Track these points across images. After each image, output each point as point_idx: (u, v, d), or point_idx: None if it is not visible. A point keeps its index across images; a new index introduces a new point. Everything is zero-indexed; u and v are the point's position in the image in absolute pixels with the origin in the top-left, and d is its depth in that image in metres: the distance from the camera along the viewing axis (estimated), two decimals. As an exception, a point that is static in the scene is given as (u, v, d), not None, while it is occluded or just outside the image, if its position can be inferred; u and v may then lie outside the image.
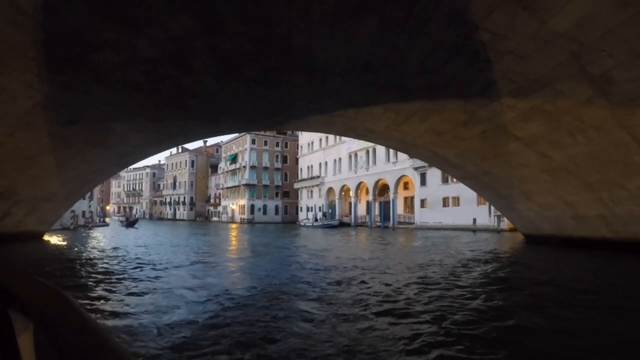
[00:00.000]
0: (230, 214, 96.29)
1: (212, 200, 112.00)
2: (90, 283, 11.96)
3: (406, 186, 58.14)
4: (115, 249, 24.16)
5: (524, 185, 20.52)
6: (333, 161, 72.26)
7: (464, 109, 15.33)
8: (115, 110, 17.43)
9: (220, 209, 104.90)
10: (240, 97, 17.00)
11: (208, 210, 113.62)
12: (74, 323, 0.75)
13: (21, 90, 13.99)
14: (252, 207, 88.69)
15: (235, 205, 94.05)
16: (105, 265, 16.29)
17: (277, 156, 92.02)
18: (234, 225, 71.77)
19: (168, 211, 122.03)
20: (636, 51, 9.65)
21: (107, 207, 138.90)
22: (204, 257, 19.78)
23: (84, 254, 21.19)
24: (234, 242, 33.01)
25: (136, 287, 11.29)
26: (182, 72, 14.21)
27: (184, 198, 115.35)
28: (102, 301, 9.37)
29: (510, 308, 8.73)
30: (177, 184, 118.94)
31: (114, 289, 11.01)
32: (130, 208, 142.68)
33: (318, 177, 76.59)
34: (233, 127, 25.66)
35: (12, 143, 17.52)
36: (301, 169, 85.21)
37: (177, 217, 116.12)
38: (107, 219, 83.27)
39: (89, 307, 8.63)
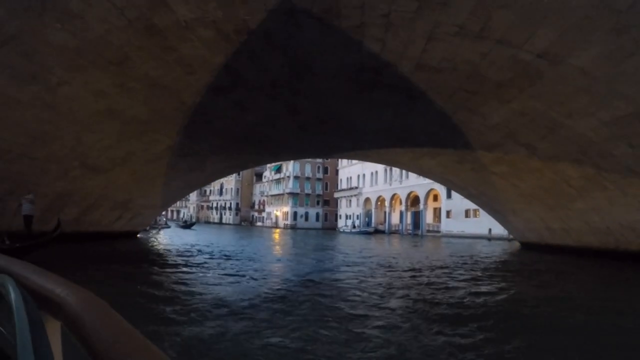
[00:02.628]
0: (274, 220, 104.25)
1: (256, 207, 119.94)
2: (213, 262, 19.83)
3: (435, 198, 64.67)
4: (208, 245, 32.02)
5: (510, 205, 27.51)
6: (370, 174, 79.32)
7: (456, 154, 22.61)
8: (215, 148, 25.25)
9: (264, 214, 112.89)
10: (304, 140, 24.67)
11: (252, 215, 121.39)
12: (106, 325, 0.78)
13: (165, 140, 21.95)
14: (295, 213, 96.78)
15: (279, 212, 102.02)
16: (214, 252, 24.17)
17: (318, 167, 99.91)
18: (277, 230, 79.65)
19: (214, 215, 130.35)
20: (540, 134, 16.77)
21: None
22: (278, 251, 27.68)
23: (190, 247, 29.24)
24: (290, 242, 41.04)
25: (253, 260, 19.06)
26: (269, 128, 21.96)
27: (230, 204, 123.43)
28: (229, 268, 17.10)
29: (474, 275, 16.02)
30: (223, 190, 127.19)
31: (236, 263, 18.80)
32: (178, 212, 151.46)
33: (356, 188, 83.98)
34: (292, 156, 33.54)
35: (144, 170, 25.58)
36: (341, 180, 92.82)
37: (223, 221, 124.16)
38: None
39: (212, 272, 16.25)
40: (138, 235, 38.81)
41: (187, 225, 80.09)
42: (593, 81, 11.75)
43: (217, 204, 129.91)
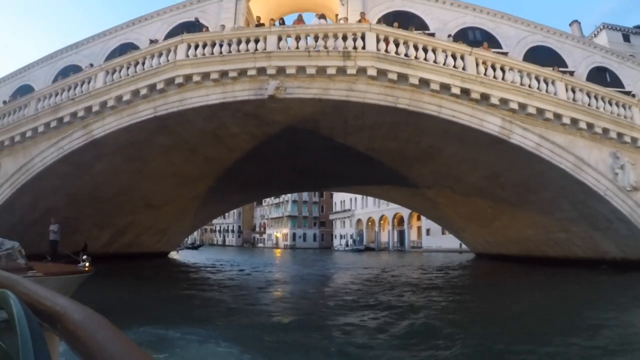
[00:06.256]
0: (274, 241, 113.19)
1: (257, 229, 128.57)
2: (249, 269, 28.87)
3: (419, 218, 73.46)
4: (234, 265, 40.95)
5: (457, 224, 36.69)
6: (361, 197, 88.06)
7: (410, 190, 31.84)
8: (235, 188, 34.41)
9: (265, 236, 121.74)
10: (301, 182, 33.92)
11: (254, 237, 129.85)
12: (106, 340, 0.79)
13: (204, 186, 31.08)
14: (294, 235, 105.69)
15: (279, 233, 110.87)
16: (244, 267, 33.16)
17: (315, 192, 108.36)
18: (278, 250, 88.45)
19: (218, 238, 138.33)
20: (452, 181, 25.92)
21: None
22: (288, 263, 37.07)
23: (217, 262, 38.00)
24: (294, 258, 49.93)
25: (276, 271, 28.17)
26: (275, 178, 31.18)
27: (233, 227, 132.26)
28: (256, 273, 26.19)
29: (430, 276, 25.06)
30: (226, 214, 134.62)
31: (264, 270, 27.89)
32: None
33: (349, 210, 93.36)
34: (292, 191, 42.94)
35: (184, 205, 34.67)
36: (335, 203, 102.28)
37: (226, 243, 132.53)
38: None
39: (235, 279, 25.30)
40: (168, 255, 47.43)
41: (194, 247, 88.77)
42: (463, 159, 21.08)
43: (220, 227, 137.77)
